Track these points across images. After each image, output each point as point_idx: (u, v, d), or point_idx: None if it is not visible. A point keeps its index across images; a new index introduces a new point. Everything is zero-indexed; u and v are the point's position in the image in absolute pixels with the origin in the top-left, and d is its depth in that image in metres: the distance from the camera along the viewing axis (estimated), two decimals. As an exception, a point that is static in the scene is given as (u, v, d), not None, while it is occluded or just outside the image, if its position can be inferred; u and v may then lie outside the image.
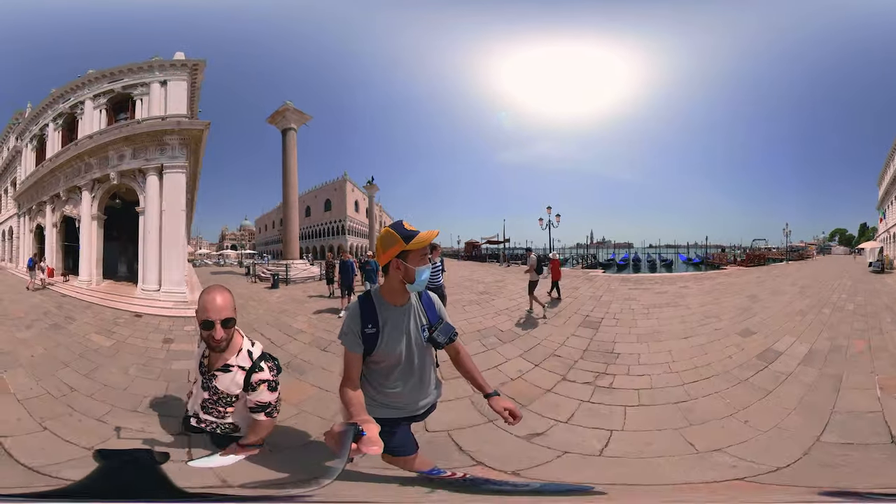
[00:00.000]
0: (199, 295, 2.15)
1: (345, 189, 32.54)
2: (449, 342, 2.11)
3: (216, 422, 2.25)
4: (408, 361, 2.04)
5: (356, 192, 32.86)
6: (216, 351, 2.10)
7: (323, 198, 32.61)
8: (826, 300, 9.84)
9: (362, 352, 1.97)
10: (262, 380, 2.11)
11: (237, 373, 2.13)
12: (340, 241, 31.10)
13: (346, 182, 32.42)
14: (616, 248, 45.55)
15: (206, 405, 2.23)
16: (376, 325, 1.97)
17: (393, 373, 2.04)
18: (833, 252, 35.41)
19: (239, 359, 2.14)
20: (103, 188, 13.30)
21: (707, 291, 12.12)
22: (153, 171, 12.49)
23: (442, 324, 2.11)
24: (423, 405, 2.17)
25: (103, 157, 13.08)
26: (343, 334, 2.01)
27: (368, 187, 29.06)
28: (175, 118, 12.85)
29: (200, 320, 2.05)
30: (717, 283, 13.75)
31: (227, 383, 2.14)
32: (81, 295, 11.80)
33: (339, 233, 32.26)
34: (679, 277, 16.07)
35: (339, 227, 32.46)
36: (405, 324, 2.03)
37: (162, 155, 12.48)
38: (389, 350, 1.99)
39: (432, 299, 2.18)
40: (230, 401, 2.19)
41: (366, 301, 2.02)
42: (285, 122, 16.40)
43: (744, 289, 12.39)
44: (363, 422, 1.53)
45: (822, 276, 15.73)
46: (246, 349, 2.17)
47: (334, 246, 31.68)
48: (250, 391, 2.12)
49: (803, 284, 12.87)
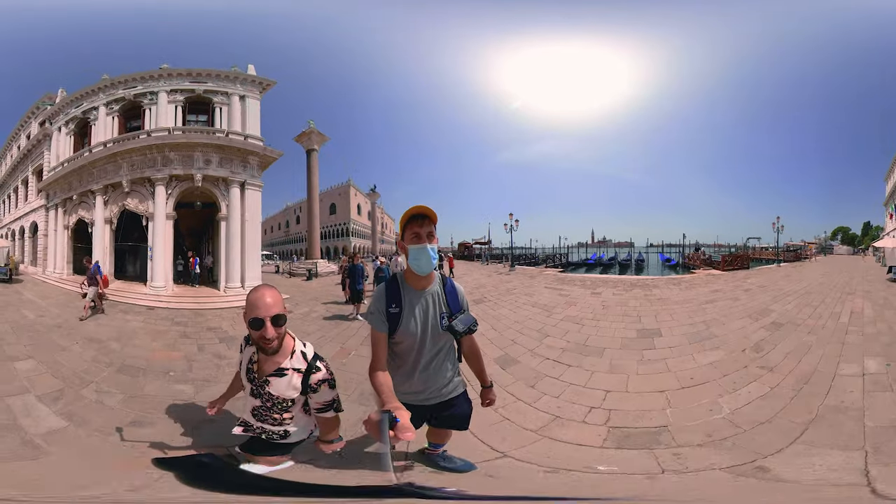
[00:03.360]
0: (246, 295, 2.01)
1: (349, 193, 32.84)
2: (467, 332, 2.08)
3: (270, 429, 2.12)
4: (422, 346, 2.04)
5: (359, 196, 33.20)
6: (268, 353, 1.94)
7: (328, 202, 32.76)
8: (824, 384, 4.18)
9: (387, 330, 1.99)
10: (322, 380, 1.99)
11: (293, 376, 1.99)
12: (345, 242, 31.64)
13: (350, 187, 32.75)
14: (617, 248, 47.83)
15: (258, 412, 2.11)
16: (399, 305, 1.99)
17: (410, 355, 2.06)
18: (835, 251, 33.01)
19: (293, 361, 2.01)
20: (181, 187, 12.88)
21: (620, 303, 9.53)
22: (236, 184, 13.10)
23: (463, 314, 2.07)
24: (439, 395, 2.15)
25: (188, 156, 12.74)
26: (369, 313, 2.05)
27: (371, 195, 29.62)
28: (256, 140, 13.63)
29: (249, 319, 1.88)
30: (647, 295, 10.67)
31: (282, 388, 2.00)
32: (160, 303, 10.85)
33: (343, 235, 32.63)
34: (621, 281, 14.05)
35: (343, 229, 32.81)
36: (424, 308, 2.02)
37: (244, 171, 13.24)
38: (408, 331, 2.00)
39: (456, 289, 2.14)
40: (287, 406, 2.05)
41: (392, 282, 2.07)
42: (310, 143, 18.65)
43: (663, 309, 8.81)
44: (395, 409, 1.57)
45: (820, 289, 11.22)
46: (299, 350, 2.04)
47: (339, 247, 31.85)
48: (311, 393, 2.00)
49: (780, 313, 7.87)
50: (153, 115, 13.57)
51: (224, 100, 13.79)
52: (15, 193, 17.36)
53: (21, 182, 16.81)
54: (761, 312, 8.18)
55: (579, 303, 9.87)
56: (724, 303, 9.55)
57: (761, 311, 8.36)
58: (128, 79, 13.65)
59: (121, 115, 13.95)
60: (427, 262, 1.97)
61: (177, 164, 12.67)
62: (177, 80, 13.62)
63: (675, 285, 12.72)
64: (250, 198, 13.30)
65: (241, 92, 13.91)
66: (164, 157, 12.70)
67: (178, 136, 12.93)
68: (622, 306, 9.27)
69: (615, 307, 9.20)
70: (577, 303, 9.88)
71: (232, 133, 13.34)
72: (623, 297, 10.42)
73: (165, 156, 12.68)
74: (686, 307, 9.04)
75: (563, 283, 13.64)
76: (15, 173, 17.22)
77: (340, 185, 33.93)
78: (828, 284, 12.41)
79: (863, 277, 13.96)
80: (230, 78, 13.88)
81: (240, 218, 13.04)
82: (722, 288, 12.20)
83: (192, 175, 12.68)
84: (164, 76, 13.62)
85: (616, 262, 30.20)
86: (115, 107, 13.90)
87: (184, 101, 13.71)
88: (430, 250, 1.96)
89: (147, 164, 12.68)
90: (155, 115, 13.54)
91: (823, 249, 33.10)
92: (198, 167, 12.68)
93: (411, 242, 1.97)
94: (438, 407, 2.18)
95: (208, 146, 12.72)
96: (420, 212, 1.96)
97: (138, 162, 12.74)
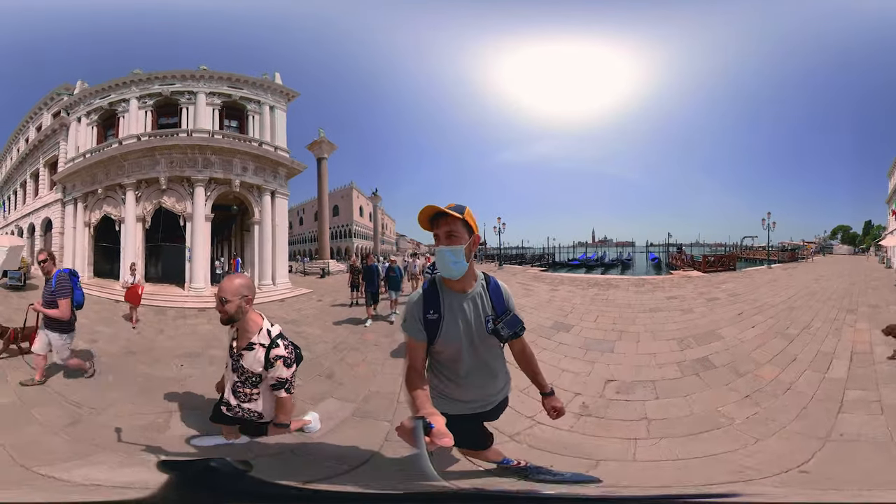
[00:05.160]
0: None
1: (351, 196, 32.96)
2: (513, 337, 1.95)
3: (244, 406, 2.44)
4: (469, 352, 1.89)
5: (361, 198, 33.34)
6: (223, 322, 2.36)
7: (331, 204, 33.14)
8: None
9: (425, 339, 1.84)
10: (278, 355, 2.30)
11: (258, 350, 2.33)
12: (347, 243, 31.82)
13: (353, 189, 32.88)
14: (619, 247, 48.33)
15: (235, 388, 2.45)
16: (438, 311, 1.84)
17: (456, 363, 1.91)
18: (835, 251, 31.46)
19: (260, 337, 2.36)
20: (219, 190, 12.91)
21: (566, 299, 9.66)
22: (268, 192, 13.75)
23: (509, 316, 1.93)
24: (491, 401, 2.03)
25: (227, 161, 12.91)
26: (404, 321, 1.90)
27: (373, 198, 29.91)
28: (284, 151, 14.33)
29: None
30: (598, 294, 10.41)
31: (251, 361, 2.34)
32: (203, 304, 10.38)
33: (346, 236, 32.72)
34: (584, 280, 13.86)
35: (346, 230, 32.88)
36: (466, 312, 1.87)
37: (274, 181, 13.96)
38: (449, 338, 1.85)
39: (501, 289, 1.98)
40: (255, 381, 2.40)
41: (431, 286, 1.91)
42: (320, 152, 19.83)
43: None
44: (429, 414, 1.51)
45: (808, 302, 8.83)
46: (266, 328, 2.38)
47: (342, 248, 31.83)
48: (269, 368, 2.31)
49: (728, 345, 5.60)
50: (191, 114, 13.48)
51: (256, 108, 14.26)
52: (22, 188, 16.34)
53: (30, 176, 15.92)
54: (702, 337, 6.02)
55: (532, 295, 10.48)
56: (668, 314, 8.00)
57: (704, 334, 6.19)
58: (166, 75, 13.50)
59: (154, 109, 13.75)
60: (446, 267, 1.78)
61: (217, 167, 12.78)
62: (217, 82, 13.68)
63: (637, 287, 11.65)
64: (279, 205, 14.07)
65: (271, 102, 14.47)
66: (205, 159, 12.70)
67: (219, 140, 13.04)
68: (566, 302, 9.36)
69: (559, 302, 9.43)
70: (531, 295, 10.52)
71: (264, 143, 13.83)
72: (572, 294, 10.45)
73: (207, 158, 12.70)
74: (625, 311, 8.28)
75: (535, 280, 14.10)
76: (23, 167, 16.32)
77: (343, 187, 34.13)
78: (821, 294, 9.82)
79: (866, 284, 11.48)
80: (262, 86, 14.32)
81: (271, 223, 13.70)
82: (684, 294, 10.43)
83: (230, 180, 12.89)
84: (205, 77, 13.57)
85: (601, 261, 29.75)
86: (148, 101, 13.69)
87: (221, 105, 13.83)
88: (448, 253, 1.76)
89: (187, 164, 12.61)
90: (193, 115, 13.47)
91: (823, 249, 31.08)
92: (236, 173, 12.99)
93: (440, 243, 1.78)
94: (490, 413, 2.06)
95: (246, 154, 13.10)
96: (434, 212, 1.76)
97: (178, 160, 12.62)
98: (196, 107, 13.42)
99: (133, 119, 13.53)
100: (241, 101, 14.07)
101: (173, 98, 13.59)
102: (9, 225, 16.74)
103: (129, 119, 13.59)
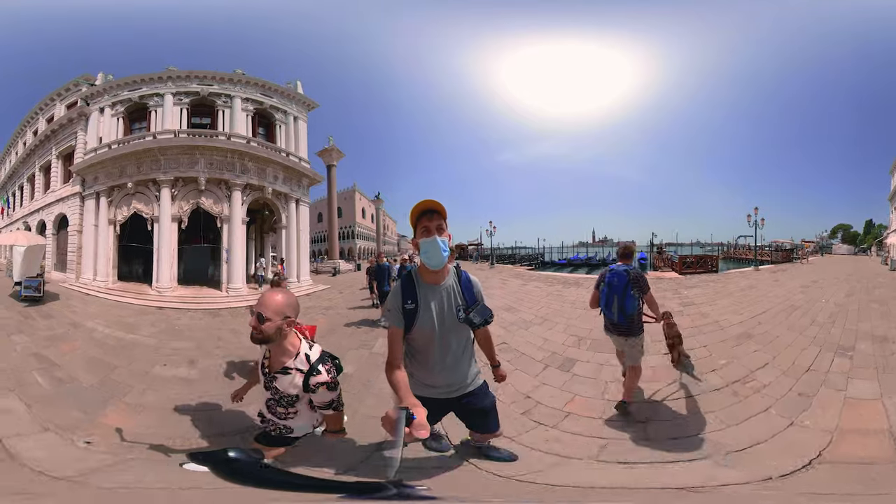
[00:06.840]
0: None
1: (354, 198, 33.00)
2: (484, 324, 2.12)
3: (277, 422, 2.28)
4: (441, 340, 2.05)
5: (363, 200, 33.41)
6: (253, 341, 2.09)
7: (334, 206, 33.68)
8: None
9: (403, 327, 2.00)
10: (321, 382, 2.07)
11: (295, 375, 2.12)
12: (350, 244, 31.93)
13: (356, 192, 32.94)
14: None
15: (269, 404, 2.28)
16: (415, 301, 2.00)
17: (427, 350, 2.07)
18: (835, 251, 29.93)
19: (297, 362, 2.12)
20: (254, 195, 13.18)
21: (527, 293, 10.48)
22: (293, 200, 14.55)
23: (479, 305, 2.10)
24: (462, 385, 2.17)
25: (262, 169, 13.27)
26: (387, 311, 2.09)
27: (375, 201, 30.26)
28: (305, 163, 15.26)
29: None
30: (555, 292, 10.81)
31: (285, 385, 2.14)
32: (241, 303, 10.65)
33: (349, 237, 32.71)
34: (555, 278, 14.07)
35: (349, 231, 32.90)
36: (440, 302, 2.03)
37: (298, 189, 14.80)
38: (423, 327, 2.01)
39: (471, 281, 2.16)
40: (291, 401, 2.19)
41: (407, 278, 2.08)
42: (330, 159, 21.19)
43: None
44: (412, 405, 1.59)
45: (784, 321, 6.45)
46: (304, 353, 2.14)
47: (345, 249, 31.88)
48: (311, 393, 2.12)
49: None
50: (227, 118, 13.51)
51: (283, 118, 14.89)
52: (30, 183, 15.27)
53: (39, 168, 14.90)
54: (598, 343, 5.26)
55: (505, 288, 11.70)
56: (592, 314, 5.68)
57: (598, 341, 5.21)
58: (206, 75, 13.47)
59: (189, 108, 13.65)
60: (436, 255, 1.96)
61: (253, 174, 13.10)
62: (252, 88, 13.86)
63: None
64: (302, 212, 14.95)
65: (295, 112, 15.17)
66: (242, 165, 12.89)
67: (256, 147, 13.35)
68: (526, 295, 10.34)
69: (521, 294, 10.48)
70: (504, 288, 11.78)
71: (291, 154, 14.59)
72: (538, 289, 11.28)
73: (244, 164, 12.88)
74: (564, 306, 8.60)
75: (515, 277, 14.96)
76: (31, 159, 15.42)
77: (346, 189, 34.23)
78: (802, 311, 7.28)
79: (867, 293, 9.13)
80: (289, 96, 14.91)
81: (296, 228, 14.54)
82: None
83: (264, 186, 13.30)
84: (241, 82, 13.64)
85: (588, 262, 30.10)
86: (184, 99, 13.59)
87: (254, 112, 14.12)
88: (439, 242, 1.94)
89: (226, 167, 12.71)
90: (230, 119, 13.49)
91: (822, 249, 29.30)
92: (268, 181, 13.46)
93: (421, 237, 1.97)
94: (460, 399, 2.20)
95: (278, 164, 13.72)
96: (428, 207, 1.97)
97: (218, 162, 12.67)
98: (233, 111, 13.49)
99: (168, 114, 13.40)
100: (270, 110, 14.59)
101: (209, 99, 13.54)
102: (14, 222, 15.52)
103: (163, 114, 13.44)
